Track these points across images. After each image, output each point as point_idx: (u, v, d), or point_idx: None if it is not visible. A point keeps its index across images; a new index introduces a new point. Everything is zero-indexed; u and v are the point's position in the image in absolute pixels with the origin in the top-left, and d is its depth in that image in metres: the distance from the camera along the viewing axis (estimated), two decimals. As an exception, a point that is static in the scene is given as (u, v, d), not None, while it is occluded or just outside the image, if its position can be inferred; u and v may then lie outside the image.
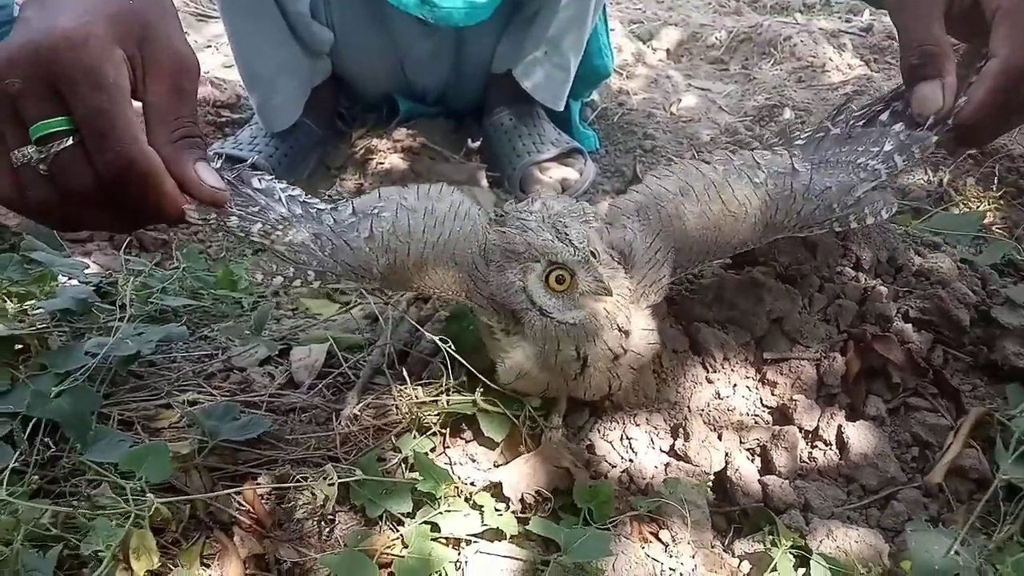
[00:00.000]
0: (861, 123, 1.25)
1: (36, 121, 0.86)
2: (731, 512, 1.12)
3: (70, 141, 0.87)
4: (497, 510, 1.04)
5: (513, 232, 1.02)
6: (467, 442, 1.15)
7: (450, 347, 1.13)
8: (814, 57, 3.32)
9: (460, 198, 1.15)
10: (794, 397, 1.17)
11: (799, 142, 1.23)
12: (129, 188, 0.88)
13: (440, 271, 1.06)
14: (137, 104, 0.92)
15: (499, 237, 1.04)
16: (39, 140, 0.87)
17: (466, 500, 1.05)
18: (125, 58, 0.89)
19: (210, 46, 3.20)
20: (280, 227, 1.04)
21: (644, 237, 1.07)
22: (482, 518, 1.02)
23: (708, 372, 1.21)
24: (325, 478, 1.05)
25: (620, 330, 1.01)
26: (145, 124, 0.91)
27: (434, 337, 1.21)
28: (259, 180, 1.08)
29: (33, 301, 1.37)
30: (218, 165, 0.99)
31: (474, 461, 1.13)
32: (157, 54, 0.91)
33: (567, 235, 0.99)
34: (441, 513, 1.01)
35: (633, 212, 1.12)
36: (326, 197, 1.15)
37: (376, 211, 1.09)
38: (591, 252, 0.99)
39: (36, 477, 1.04)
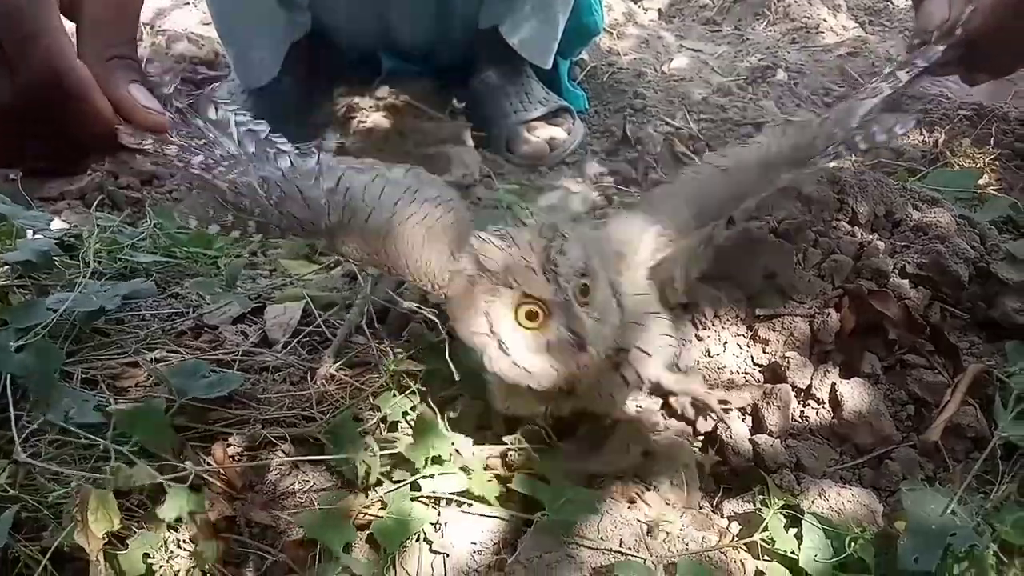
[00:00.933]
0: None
1: None
2: (721, 472, 1.08)
3: None
4: (485, 468, 1.00)
5: (496, 244, 0.85)
6: (447, 402, 1.11)
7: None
8: (808, 18, 3.26)
9: (452, 192, 1.06)
10: (786, 354, 1.13)
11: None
12: (55, 106, 0.79)
13: (402, 249, 0.95)
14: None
15: (478, 245, 0.86)
16: None
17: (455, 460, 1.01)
18: None
19: (188, 2, 3.10)
20: (225, 164, 0.93)
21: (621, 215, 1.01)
22: (469, 477, 0.98)
23: (698, 329, 1.17)
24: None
25: (611, 355, 0.89)
26: (76, 40, 0.83)
27: (409, 303, 1.17)
28: (216, 109, 0.98)
29: (-3, 256, 1.31)
30: (172, 89, 0.91)
31: (454, 421, 1.08)
32: None
33: (555, 266, 0.83)
34: (423, 475, 0.97)
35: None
36: (302, 144, 1.05)
37: (349, 169, 1.01)
38: (583, 287, 0.84)
39: (-7, 436, 1.00)
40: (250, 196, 0.92)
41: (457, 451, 1.01)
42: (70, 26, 0.83)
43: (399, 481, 0.97)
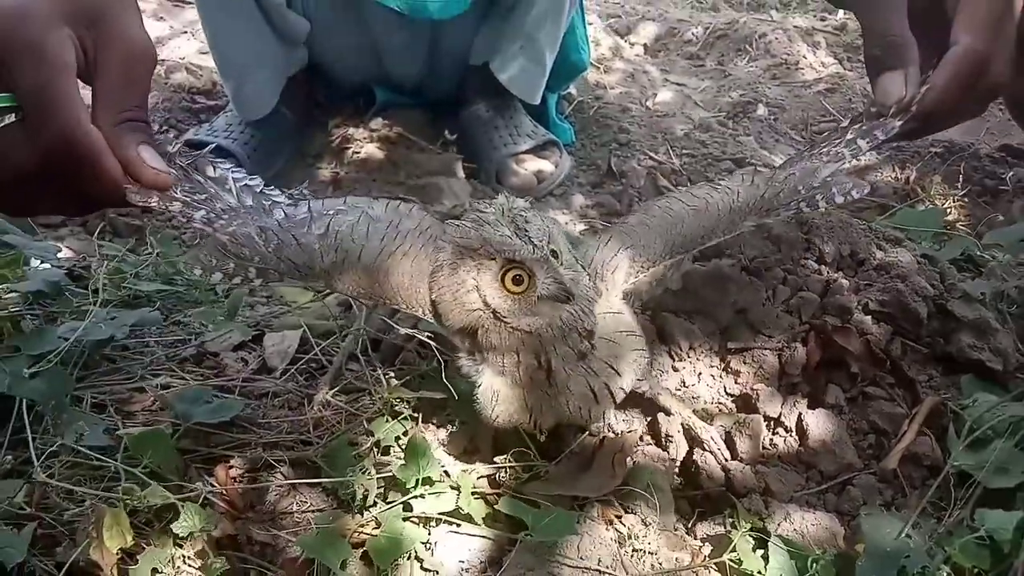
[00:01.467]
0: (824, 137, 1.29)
1: None
2: (694, 496, 1.15)
3: (12, 118, 0.86)
4: (473, 492, 1.06)
5: (468, 226, 0.93)
6: (439, 427, 1.18)
7: (425, 335, 1.15)
8: (788, 54, 3.37)
9: (430, 221, 1.11)
10: (756, 386, 1.20)
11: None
12: (69, 167, 0.87)
13: (394, 281, 1.02)
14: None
15: (454, 231, 0.94)
16: None
17: (444, 481, 1.07)
18: (73, 36, 0.88)
19: (186, 32, 3.18)
20: (225, 216, 1.00)
21: (599, 239, 1.07)
22: (458, 498, 1.04)
23: (674, 361, 1.24)
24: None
25: (582, 334, 0.96)
26: (92, 103, 0.90)
27: (405, 329, 1.23)
28: (213, 168, 1.05)
29: (7, 285, 1.37)
30: (175, 149, 0.98)
31: (445, 445, 1.15)
32: (109, 37, 0.90)
33: (526, 232, 0.91)
34: (415, 495, 1.03)
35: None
36: (289, 193, 1.11)
37: (335, 212, 1.06)
38: (552, 251, 0.93)
39: (9, 457, 1.05)
40: (249, 245, 0.98)
41: (446, 473, 1.08)
42: (86, 89, 0.91)
43: (392, 502, 1.04)
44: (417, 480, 1.03)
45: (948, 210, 2.10)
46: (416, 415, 1.18)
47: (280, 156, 2.42)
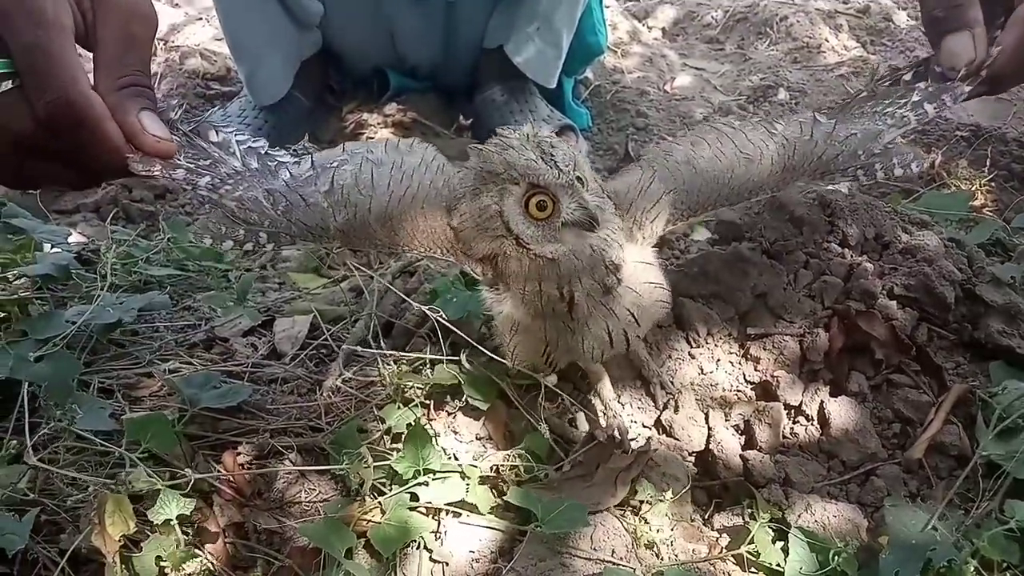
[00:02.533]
0: (887, 84, 1.24)
1: None
2: (712, 486, 1.12)
3: (10, 84, 0.84)
4: (481, 480, 1.03)
5: (492, 151, 0.90)
6: (450, 415, 1.15)
7: (440, 317, 1.12)
8: (810, 38, 3.30)
9: (433, 152, 1.08)
10: (776, 373, 1.17)
11: (831, 108, 1.17)
12: (68, 133, 0.85)
13: (409, 225, 0.98)
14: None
15: (476, 156, 0.91)
16: None
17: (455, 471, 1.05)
18: (72, 1, 0.85)
19: (201, 18, 3.16)
20: (231, 181, 0.97)
21: (637, 176, 1.01)
22: (466, 488, 1.02)
23: (692, 347, 1.20)
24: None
25: (608, 267, 0.92)
26: (93, 69, 0.88)
27: (422, 307, 1.20)
28: (216, 133, 1.02)
29: (16, 269, 1.36)
30: (177, 115, 0.96)
31: (456, 433, 1.12)
32: (108, 1, 0.88)
33: (552, 156, 0.88)
34: (418, 483, 1.01)
35: (640, 164, 1.07)
36: (293, 149, 1.08)
37: (337, 164, 1.02)
38: (578, 177, 0.89)
39: (14, 443, 1.04)
40: (257, 210, 0.95)
41: (455, 458, 1.05)
42: (86, 55, 0.88)
43: (397, 490, 1.01)
44: (416, 471, 1.00)
45: (975, 194, 2.04)
46: (427, 402, 1.15)
47: (293, 141, 2.39)
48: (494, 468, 1.05)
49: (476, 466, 1.04)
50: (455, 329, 1.10)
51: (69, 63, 0.83)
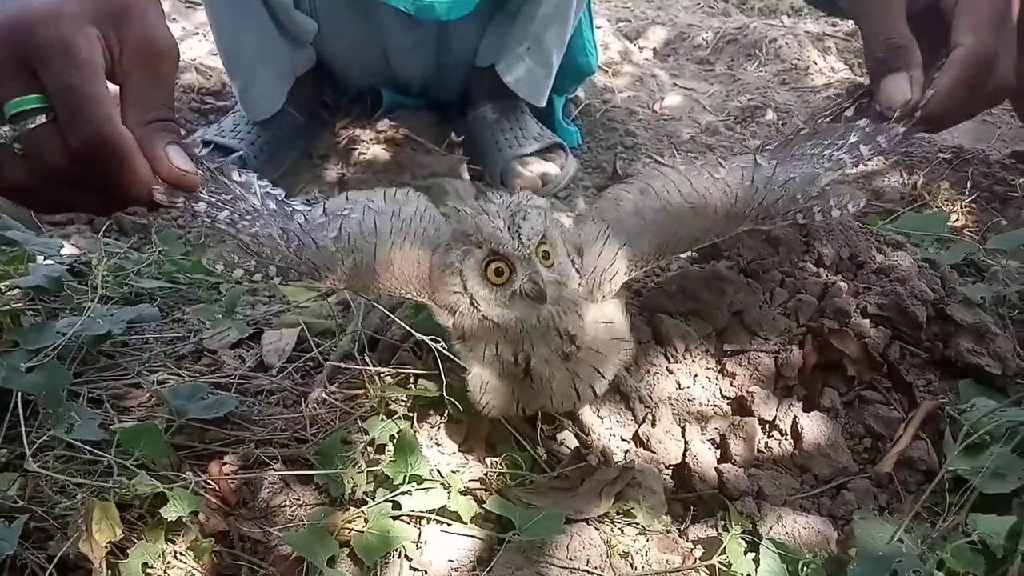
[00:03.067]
0: (828, 119, 1.28)
1: (10, 99, 0.87)
2: (688, 498, 1.14)
3: (44, 119, 0.87)
4: (464, 492, 1.06)
5: (469, 213, 0.98)
6: (433, 427, 1.18)
7: (430, 340, 1.15)
8: (798, 60, 3.35)
9: (425, 203, 1.15)
10: (752, 388, 1.19)
11: (770, 145, 1.22)
12: (100, 166, 0.89)
13: (400, 268, 1.04)
14: (116, 88, 0.93)
15: (455, 216, 1.00)
16: (12, 118, 0.88)
17: (438, 480, 1.07)
18: (100, 37, 0.89)
19: (197, 33, 3.20)
20: (248, 218, 1.02)
21: (595, 233, 1.06)
22: (448, 496, 1.04)
23: (669, 362, 1.23)
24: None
25: (563, 336, 0.98)
26: (120, 106, 0.92)
27: (403, 323, 1.23)
28: (239, 173, 1.08)
29: (9, 281, 1.38)
30: (203, 152, 1.00)
31: (439, 446, 1.15)
32: (134, 37, 0.92)
33: (518, 228, 0.94)
34: (403, 492, 1.03)
35: (593, 215, 1.13)
36: (306, 200, 1.13)
37: (345, 212, 1.09)
38: (544, 252, 0.96)
39: (4, 451, 1.06)
40: (271, 245, 1.01)
41: (438, 472, 1.08)
42: (113, 88, 0.92)
43: (381, 499, 1.04)
44: (405, 476, 1.03)
45: (955, 215, 2.08)
46: (411, 414, 1.18)
47: (286, 156, 2.43)
48: (478, 479, 1.08)
49: (458, 473, 1.07)
50: (437, 347, 1.13)
51: (102, 101, 0.87)
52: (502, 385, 1.02)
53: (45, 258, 1.47)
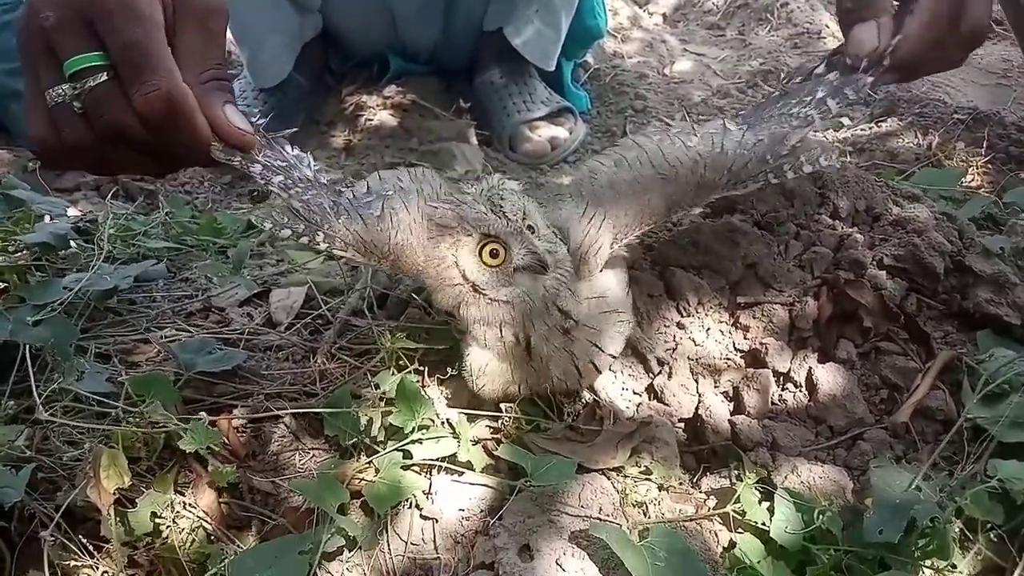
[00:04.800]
0: (798, 79, 1.26)
1: (71, 56, 0.86)
2: (701, 451, 1.13)
3: (104, 76, 0.86)
4: (473, 441, 1.05)
5: (446, 207, 0.97)
6: (442, 382, 1.16)
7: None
8: (810, 24, 3.30)
9: (440, 180, 1.15)
10: (765, 340, 1.18)
11: (743, 112, 1.19)
12: (164, 122, 0.87)
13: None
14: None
15: (432, 211, 0.98)
16: (73, 76, 0.86)
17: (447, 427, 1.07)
18: None
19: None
20: (301, 185, 1.03)
21: (578, 210, 1.05)
22: (458, 445, 1.03)
23: (682, 316, 1.21)
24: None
25: (561, 310, 0.97)
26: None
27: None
28: (292, 146, 1.09)
29: (15, 239, 1.38)
30: (258, 119, 1.00)
31: (450, 398, 1.14)
32: None
33: (501, 207, 0.95)
34: (412, 440, 1.02)
35: (570, 190, 1.11)
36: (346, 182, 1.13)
37: (387, 192, 1.09)
38: (528, 226, 0.96)
39: (11, 403, 1.06)
40: (321, 214, 1.01)
41: (447, 421, 1.07)
42: None
43: (393, 448, 1.03)
44: (414, 426, 1.02)
45: (971, 175, 2.05)
46: (421, 368, 1.17)
47: (293, 123, 2.39)
48: (489, 427, 1.07)
49: (470, 424, 1.06)
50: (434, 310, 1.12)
51: (165, 57, 0.86)
52: (502, 368, 1.02)
53: (51, 218, 1.46)
